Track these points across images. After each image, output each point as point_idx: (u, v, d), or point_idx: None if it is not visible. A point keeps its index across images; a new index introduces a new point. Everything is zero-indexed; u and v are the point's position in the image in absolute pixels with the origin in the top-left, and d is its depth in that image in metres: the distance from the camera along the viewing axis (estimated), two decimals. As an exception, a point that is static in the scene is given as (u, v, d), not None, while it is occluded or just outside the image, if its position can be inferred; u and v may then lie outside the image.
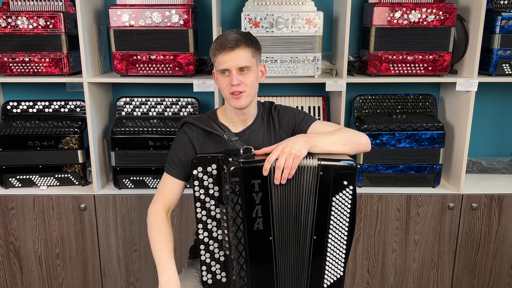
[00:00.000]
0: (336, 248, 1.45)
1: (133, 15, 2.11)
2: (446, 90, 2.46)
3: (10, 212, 2.24)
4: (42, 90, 2.49)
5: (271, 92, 2.50)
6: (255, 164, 1.34)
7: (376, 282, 2.35)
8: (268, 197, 1.35)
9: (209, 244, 1.46)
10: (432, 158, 2.25)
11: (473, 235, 2.30)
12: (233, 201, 1.34)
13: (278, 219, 1.38)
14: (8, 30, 2.13)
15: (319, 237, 1.41)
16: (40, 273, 2.31)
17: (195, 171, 1.41)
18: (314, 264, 1.43)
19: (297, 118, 1.64)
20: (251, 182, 1.33)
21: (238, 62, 1.46)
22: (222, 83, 1.50)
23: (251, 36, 1.52)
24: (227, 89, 1.49)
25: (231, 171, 1.31)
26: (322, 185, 1.38)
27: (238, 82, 1.46)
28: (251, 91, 1.51)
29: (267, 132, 1.63)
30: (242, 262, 1.38)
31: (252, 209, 1.35)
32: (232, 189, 1.33)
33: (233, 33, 1.48)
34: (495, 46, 2.19)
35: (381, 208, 2.25)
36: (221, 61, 1.47)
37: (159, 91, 2.49)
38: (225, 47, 1.45)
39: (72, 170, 2.29)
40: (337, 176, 1.38)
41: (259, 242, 1.38)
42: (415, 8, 2.11)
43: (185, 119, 1.61)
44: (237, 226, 1.35)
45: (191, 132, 1.58)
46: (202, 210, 1.44)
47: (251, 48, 1.49)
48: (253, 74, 1.50)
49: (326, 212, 1.40)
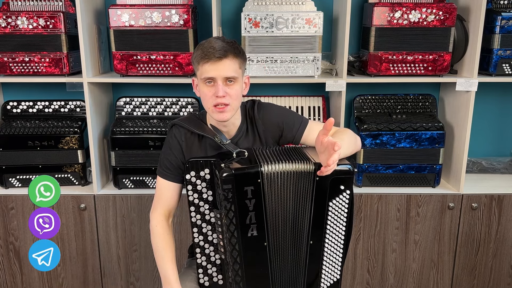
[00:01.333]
0: (333, 252, 1.44)
1: (133, 15, 2.11)
2: (446, 90, 2.46)
3: (10, 212, 2.24)
4: (42, 90, 2.49)
5: (271, 92, 2.50)
6: (248, 170, 1.32)
7: (376, 282, 2.35)
8: (261, 203, 1.33)
9: (205, 248, 1.45)
10: (432, 158, 2.25)
11: (473, 235, 2.30)
12: (226, 208, 1.32)
13: (273, 225, 1.37)
14: (8, 30, 2.13)
15: (316, 242, 1.40)
16: (40, 273, 2.31)
17: (188, 175, 1.39)
18: (311, 268, 1.42)
19: (286, 122, 1.56)
20: (243, 189, 1.31)
21: (225, 73, 1.39)
22: (206, 93, 1.42)
23: (238, 45, 1.45)
24: (211, 100, 1.41)
25: (223, 178, 1.29)
26: (319, 190, 1.36)
27: (223, 94, 1.39)
28: (236, 104, 1.44)
29: (252, 142, 1.56)
30: (237, 268, 1.37)
31: (245, 216, 1.33)
32: (225, 196, 1.31)
33: (220, 41, 1.40)
34: (495, 46, 2.19)
35: (381, 208, 2.25)
36: (205, 69, 1.39)
37: (159, 91, 2.49)
38: (212, 56, 1.37)
39: (72, 170, 2.29)
40: (334, 181, 1.36)
41: (253, 248, 1.36)
42: (415, 8, 2.11)
43: (174, 120, 1.56)
44: (231, 232, 1.34)
45: (180, 134, 1.53)
46: (196, 214, 1.42)
47: (238, 59, 1.42)
48: (239, 86, 1.44)
49: (322, 217, 1.38)
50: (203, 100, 1.45)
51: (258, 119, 1.55)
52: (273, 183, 1.34)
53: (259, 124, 1.55)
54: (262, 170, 1.32)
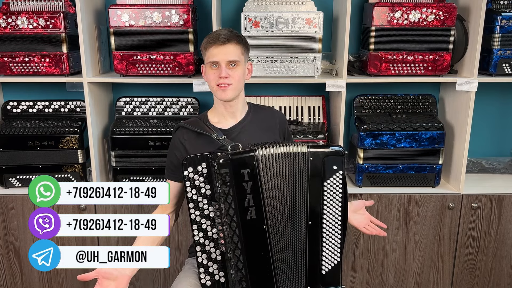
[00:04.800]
0: (332, 234, 1.48)
1: (133, 15, 2.11)
2: (446, 90, 2.46)
3: (10, 212, 2.24)
4: (42, 90, 2.49)
5: (271, 92, 2.50)
6: (243, 154, 1.39)
7: (376, 282, 2.35)
8: (258, 185, 1.39)
9: (205, 245, 1.46)
10: (432, 158, 2.25)
11: (473, 235, 2.30)
12: (225, 193, 1.37)
13: (271, 207, 1.42)
14: (8, 30, 2.13)
15: (314, 222, 1.45)
16: (40, 273, 2.31)
17: (186, 171, 1.43)
18: (311, 250, 1.46)
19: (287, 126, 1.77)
20: (240, 172, 1.37)
21: (228, 56, 1.52)
22: (210, 76, 1.56)
23: (242, 35, 1.60)
24: (214, 81, 1.55)
25: (220, 163, 1.35)
26: (313, 170, 1.44)
27: (226, 75, 1.52)
28: (237, 85, 1.56)
29: (258, 127, 1.67)
30: (239, 254, 1.39)
31: (244, 199, 1.38)
32: (223, 181, 1.36)
33: (225, 30, 1.57)
34: (495, 46, 2.19)
35: (381, 208, 2.25)
36: (211, 54, 1.54)
37: (159, 91, 2.49)
38: (217, 40, 1.52)
39: (72, 170, 2.29)
40: (326, 162, 1.45)
41: (253, 232, 1.40)
42: (415, 8, 2.11)
43: (179, 123, 1.66)
44: (230, 217, 1.38)
45: (182, 135, 1.62)
46: (195, 211, 1.45)
47: (241, 45, 1.56)
48: (241, 70, 1.56)
49: (319, 197, 1.45)
50: (209, 82, 1.58)
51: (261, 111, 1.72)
52: (268, 165, 1.42)
53: (266, 114, 1.71)
54: (257, 154, 1.40)
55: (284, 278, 1.44)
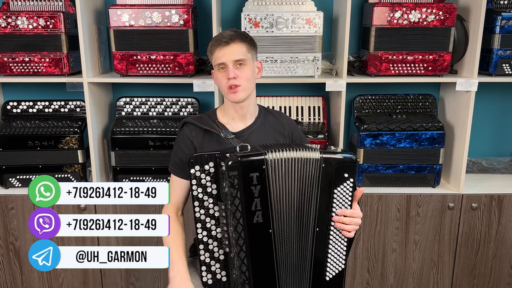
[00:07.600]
0: (338, 240, 1.46)
1: (133, 15, 2.11)
2: (446, 90, 2.46)
3: (10, 212, 2.24)
4: (42, 90, 2.49)
5: (271, 92, 2.50)
6: (253, 157, 1.37)
7: (376, 282, 2.35)
8: (266, 189, 1.37)
9: (208, 243, 1.46)
10: (432, 158, 2.25)
11: (473, 235, 2.30)
12: (232, 195, 1.35)
13: (279, 212, 1.40)
14: (8, 30, 2.13)
15: (321, 229, 1.43)
16: (40, 273, 2.31)
17: (192, 170, 1.42)
18: (316, 256, 1.45)
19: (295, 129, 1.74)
20: (249, 175, 1.35)
21: (233, 56, 1.50)
22: (220, 79, 1.54)
23: (246, 33, 1.58)
24: (225, 84, 1.52)
25: (229, 165, 1.33)
26: (324, 177, 1.41)
27: (234, 75, 1.50)
28: (247, 85, 1.54)
29: (267, 133, 1.64)
30: (243, 257, 1.38)
31: (251, 202, 1.36)
32: (231, 183, 1.34)
33: (229, 31, 1.55)
34: (495, 46, 2.19)
35: (381, 208, 2.25)
36: (217, 56, 1.52)
37: (159, 91, 2.49)
38: (220, 42, 1.51)
39: (72, 170, 2.29)
40: (338, 169, 1.41)
41: (259, 235, 1.39)
42: (415, 8, 2.11)
43: (185, 119, 1.63)
44: (236, 220, 1.36)
45: (190, 131, 1.60)
46: (200, 209, 1.44)
47: (245, 43, 1.54)
48: (249, 69, 1.54)
49: (328, 204, 1.43)
50: (220, 86, 1.56)
51: (271, 116, 1.70)
52: (278, 170, 1.39)
53: (277, 118, 1.70)
54: (267, 157, 1.37)
55: (287, 283, 1.44)
